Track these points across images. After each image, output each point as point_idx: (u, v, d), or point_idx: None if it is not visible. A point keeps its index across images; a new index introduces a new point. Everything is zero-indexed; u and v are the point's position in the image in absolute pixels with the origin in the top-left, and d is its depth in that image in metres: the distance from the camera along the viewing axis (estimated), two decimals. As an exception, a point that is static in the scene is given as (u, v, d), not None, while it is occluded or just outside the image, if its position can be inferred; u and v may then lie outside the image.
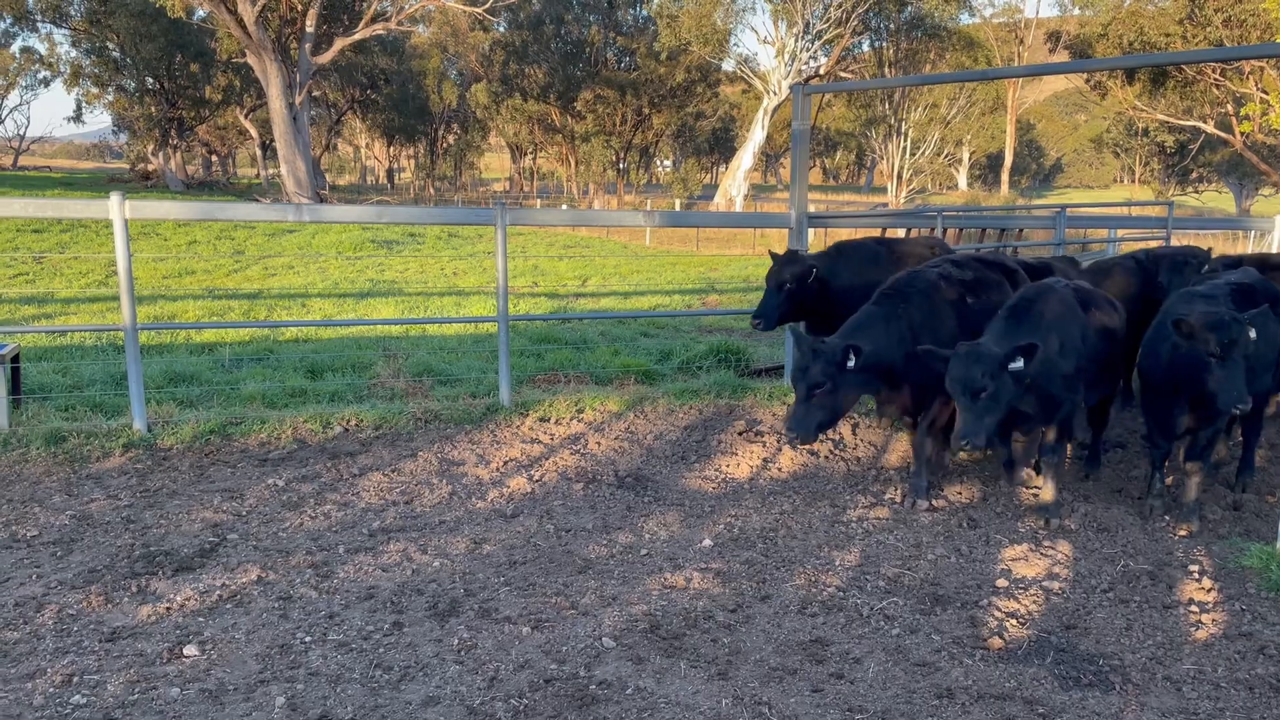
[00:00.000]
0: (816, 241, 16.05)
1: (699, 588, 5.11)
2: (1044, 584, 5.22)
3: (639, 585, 5.12)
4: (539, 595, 4.98)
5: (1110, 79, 47.83)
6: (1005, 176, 72.92)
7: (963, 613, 4.88)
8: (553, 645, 4.47)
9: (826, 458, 7.40)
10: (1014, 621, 4.80)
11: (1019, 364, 5.37)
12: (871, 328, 6.16)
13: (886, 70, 50.31)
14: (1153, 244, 16.25)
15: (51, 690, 4.02)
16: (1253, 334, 5.48)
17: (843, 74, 48.49)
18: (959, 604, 4.97)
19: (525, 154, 72.07)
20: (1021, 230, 16.65)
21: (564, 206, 52.72)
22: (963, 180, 73.82)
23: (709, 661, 4.35)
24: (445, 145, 71.52)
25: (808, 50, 45.21)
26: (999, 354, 5.39)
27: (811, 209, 12.10)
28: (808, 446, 7.08)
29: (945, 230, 12.20)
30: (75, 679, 4.10)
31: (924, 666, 4.35)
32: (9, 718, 3.82)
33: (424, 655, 4.36)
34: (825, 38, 45.36)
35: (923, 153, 57.06)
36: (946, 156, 64.81)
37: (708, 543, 5.71)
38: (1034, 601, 5.02)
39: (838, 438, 7.78)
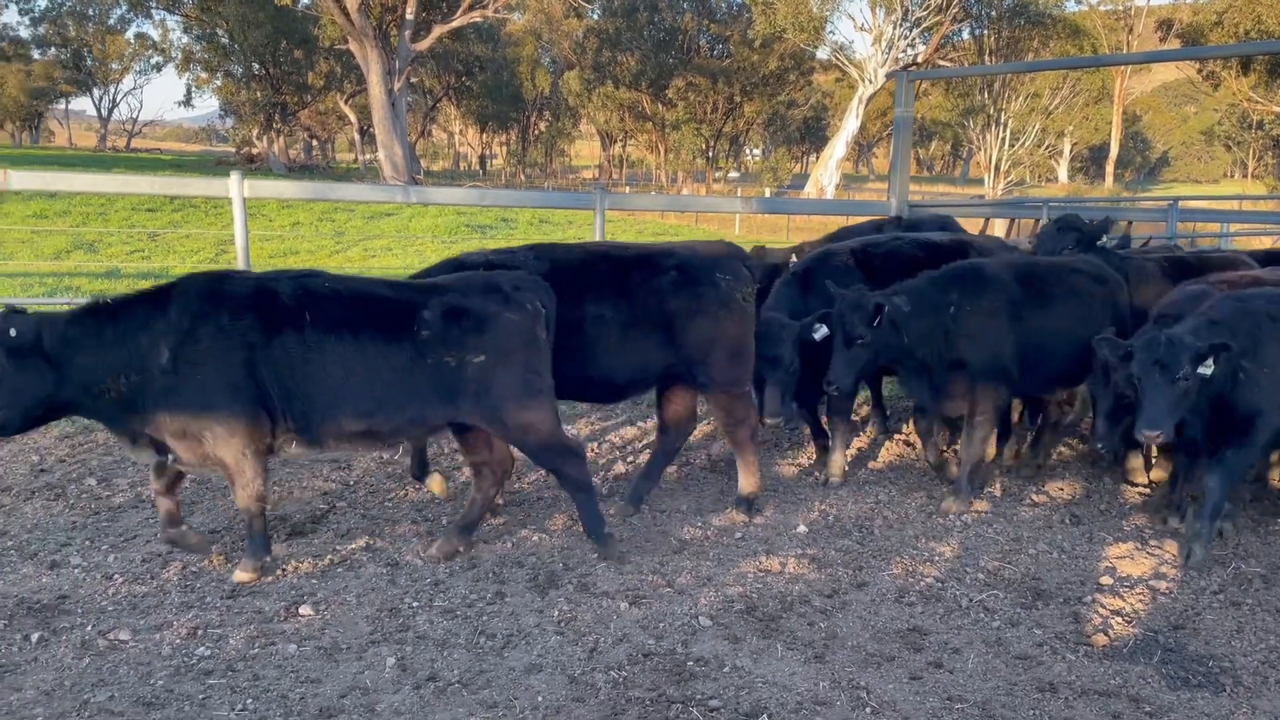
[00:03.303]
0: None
1: (794, 572, 5.13)
2: (1150, 583, 5.10)
3: (734, 567, 5.16)
4: (636, 573, 5.06)
5: (1224, 69, 45.91)
6: (1110, 169, 70.60)
7: (1065, 608, 4.80)
8: (650, 621, 4.54)
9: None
10: (1119, 619, 4.70)
11: (1208, 368, 5.04)
12: None
13: (987, 59, 49.04)
14: (1266, 241, 15.58)
15: (178, 642, 4.25)
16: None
17: (941, 62, 47.40)
18: (1061, 599, 4.89)
19: (615, 141, 72.31)
20: (1130, 224, 16.11)
21: (652, 193, 52.75)
22: (1063, 173, 71.67)
23: (805, 644, 4.38)
24: (537, 132, 72.23)
25: (905, 38, 44.35)
26: (1199, 347, 5.01)
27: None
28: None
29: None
30: (200, 632, 4.33)
31: (1025, 660, 4.31)
32: (139, 665, 4.06)
33: (526, 624, 4.48)
34: (924, 25, 44.43)
35: (1022, 144, 55.49)
36: (1047, 148, 62.97)
37: (802, 529, 5.72)
38: (1140, 600, 4.91)
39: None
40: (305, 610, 4.54)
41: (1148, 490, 6.48)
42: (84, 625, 4.35)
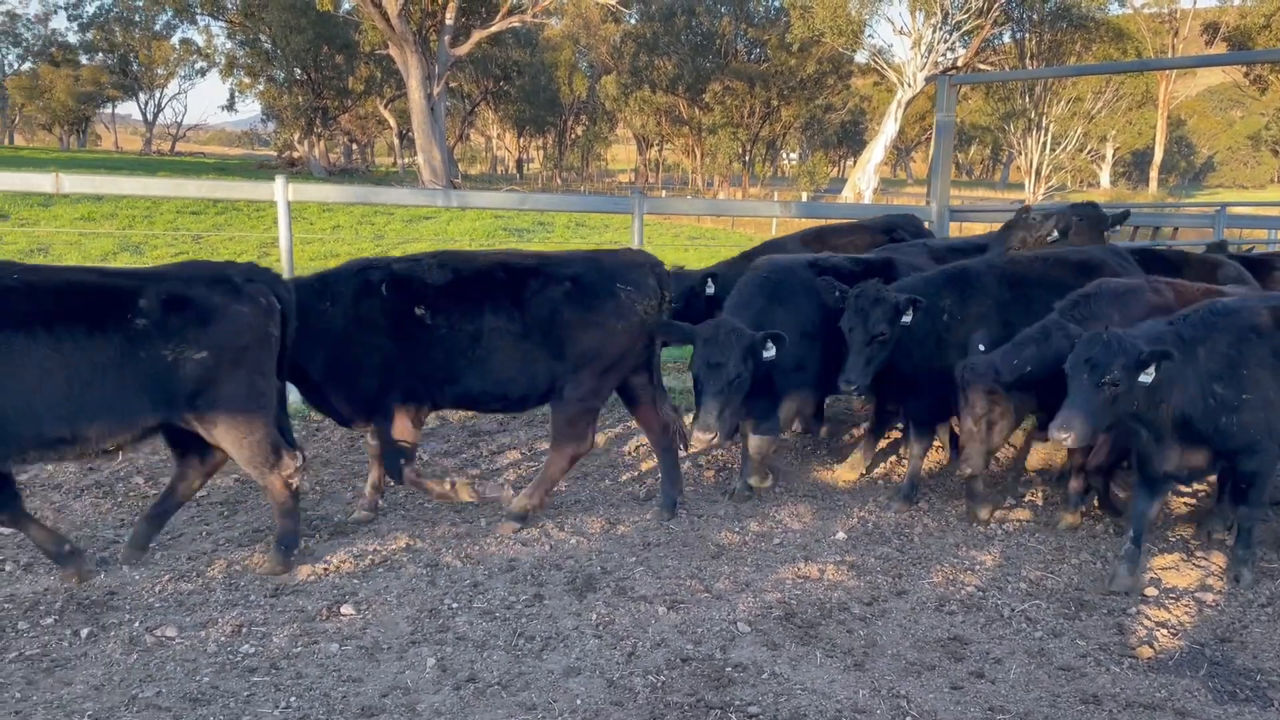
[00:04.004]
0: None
1: (833, 579, 5.10)
2: (1196, 595, 5.02)
3: (772, 573, 5.15)
4: (673, 577, 5.06)
5: (1272, 72, 45.07)
6: (1154, 174, 69.50)
7: (1109, 619, 4.74)
8: (688, 626, 4.54)
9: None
10: (1164, 631, 4.64)
11: (1149, 377, 4.68)
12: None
13: (1028, 62, 48.48)
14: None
15: (223, 639, 4.31)
16: None
17: (981, 66, 46.97)
18: (1105, 610, 4.83)
19: (651, 145, 72.39)
20: (1176, 229, 15.87)
21: (689, 197, 52.74)
22: (1105, 177, 70.65)
23: (845, 652, 4.35)
24: (574, 136, 72.47)
25: (945, 41, 43.98)
26: (1140, 351, 4.66)
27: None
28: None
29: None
30: (244, 630, 4.39)
31: (1068, 671, 4.25)
32: (186, 661, 4.13)
33: (564, 627, 4.50)
34: (964, 29, 44.03)
35: (1064, 148, 54.83)
36: (1089, 153, 62.18)
37: (841, 536, 5.69)
38: (1186, 612, 4.83)
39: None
40: (347, 610, 4.59)
41: (1194, 501, 6.37)
42: (132, 621, 4.43)
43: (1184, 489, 6.43)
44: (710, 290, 7.26)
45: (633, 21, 58.76)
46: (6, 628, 4.35)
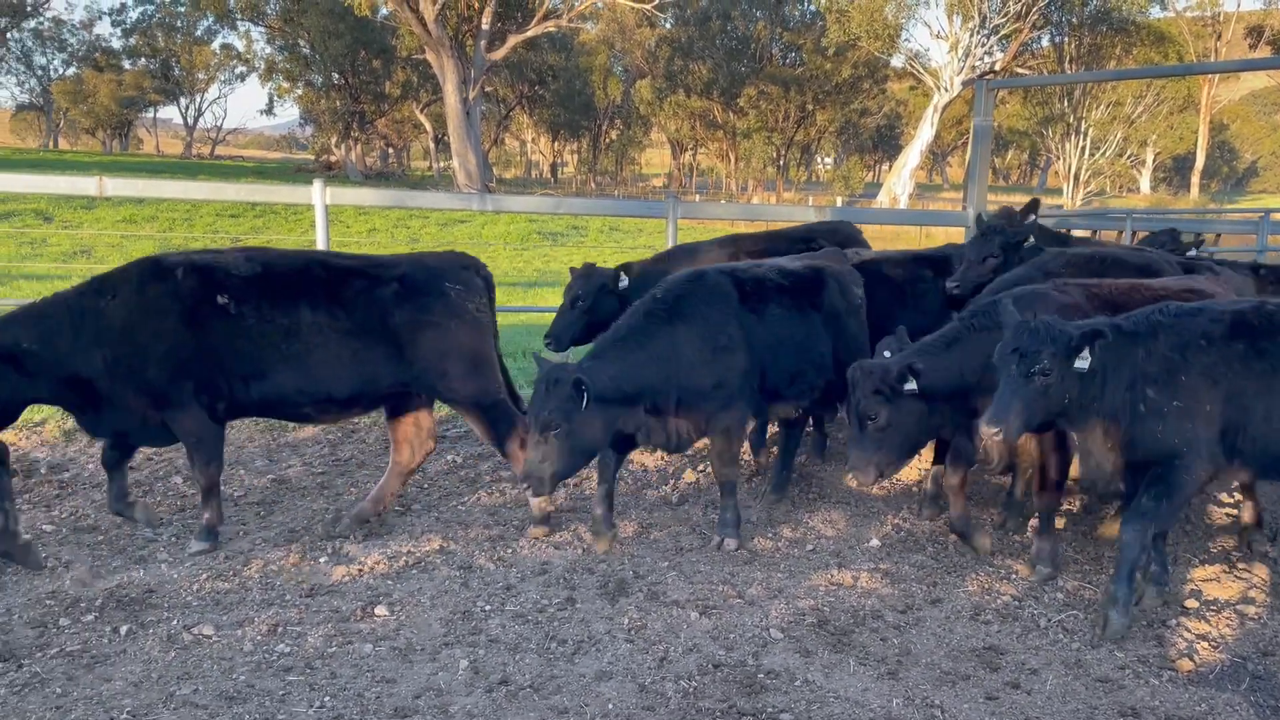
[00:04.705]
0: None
1: (867, 587, 5.07)
2: (1238, 607, 4.93)
3: (805, 580, 5.12)
4: (705, 582, 5.05)
5: (1319, 76, 44.18)
6: (1195, 179, 68.46)
7: (1149, 631, 4.67)
8: (720, 632, 4.53)
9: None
10: (1205, 644, 4.56)
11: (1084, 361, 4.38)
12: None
13: (1067, 66, 47.93)
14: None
15: (259, 638, 4.36)
16: None
17: (1019, 70, 46.54)
18: (1144, 622, 4.75)
19: (685, 150, 72.35)
20: (1219, 236, 15.61)
21: (722, 201, 52.66)
22: (1146, 183, 69.66)
23: (878, 660, 4.32)
24: (608, 141, 72.60)
25: (983, 45, 43.61)
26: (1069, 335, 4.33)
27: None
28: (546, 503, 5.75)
29: (1134, 234, 11.59)
30: (279, 629, 4.43)
31: (1106, 683, 4.19)
32: (222, 660, 4.18)
33: (596, 631, 4.50)
34: (1002, 32, 43.65)
35: (1103, 153, 54.16)
36: (1129, 157, 61.37)
37: (875, 543, 5.65)
38: (1228, 625, 4.75)
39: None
40: (381, 610, 4.62)
41: (1235, 512, 6.26)
42: (170, 619, 4.49)
43: (1225, 500, 6.33)
44: (624, 284, 7.04)
45: (668, 26, 58.80)
46: (49, 624, 4.42)
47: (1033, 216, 6.91)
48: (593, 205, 15.24)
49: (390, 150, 73.76)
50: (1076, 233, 10.59)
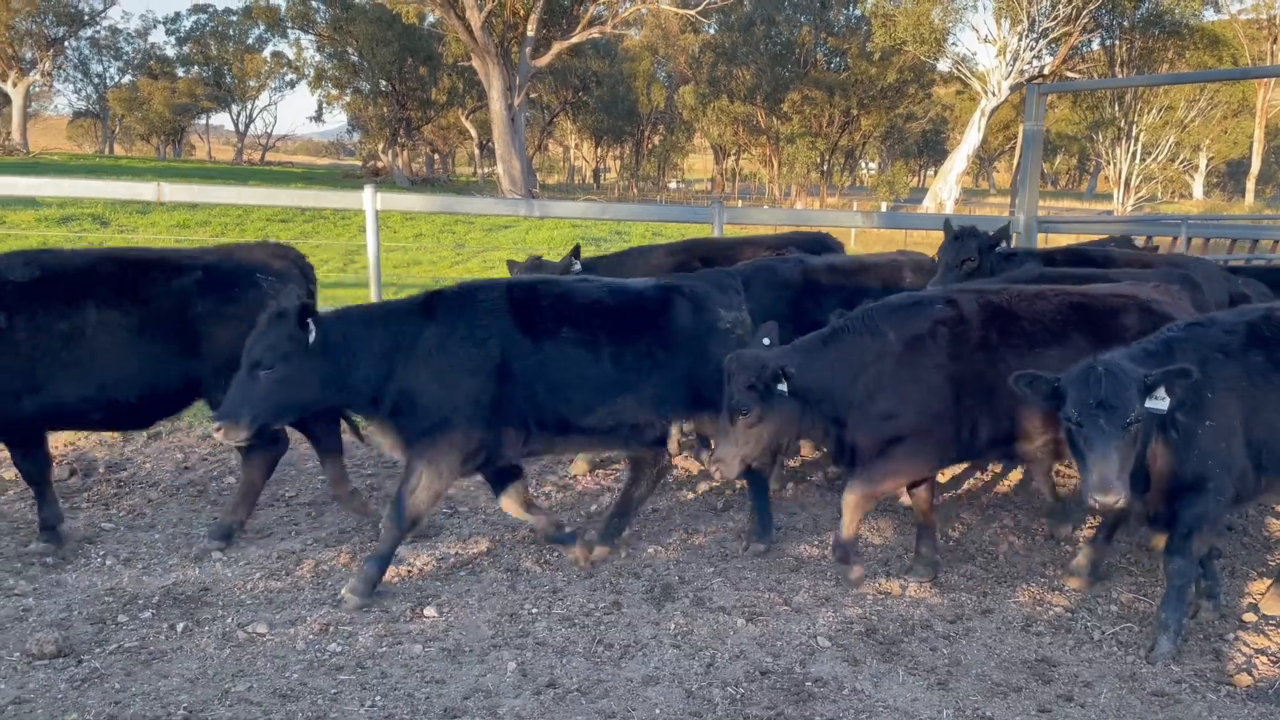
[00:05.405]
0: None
1: (916, 596, 5.02)
2: (1300, 623, 4.81)
3: (853, 589, 5.08)
4: (752, 589, 5.04)
5: (1381, 79, 43.04)
6: (1251, 185, 67.00)
7: (1205, 645, 4.58)
8: (767, 639, 4.51)
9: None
10: (1264, 659, 4.46)
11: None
12: None
13: (1118, 70, 47.20)
14: None
15: (311, 637, 4.42)
16: None
17: (1069, 74, 45.89)
18: (1201, 636, 4.66)
19: (728, 155, 72.25)
20: (1277, 242, 15.25)
21: (765, 207, 52.52)
22: (1198, 188, 68.33)
23: (928, 670, 4.28)
24: (650, 146, 72.73)
25: (1031, 49, 43.06)
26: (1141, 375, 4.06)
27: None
28: None
29: (1190, 240, 11.37)
30: (331, 629, 4.49)
31: (1162, 697, 4.12)
32: (276, 658, 4.24)
33: (642, 636, 4.50)
34: (1051, 36, 43.07)
35: (1155, 158, 53.22)
36: (1181, 163, 60.26)
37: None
38: (1289, 641, 4.64)
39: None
40: (430, 611, 4.66)
41: (1296, 525, 6.12)
42: (224, 617, 4.56)
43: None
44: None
45: (711, 32, 58.78)
46: (107, 620, 4.52)
47: (1005, 243, 6.75)
48: (638, 210, 15.30)
49: (436, 156, 74.50)
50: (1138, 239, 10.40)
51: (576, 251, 7.21)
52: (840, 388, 4.84)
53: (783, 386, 4.65)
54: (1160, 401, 4.02)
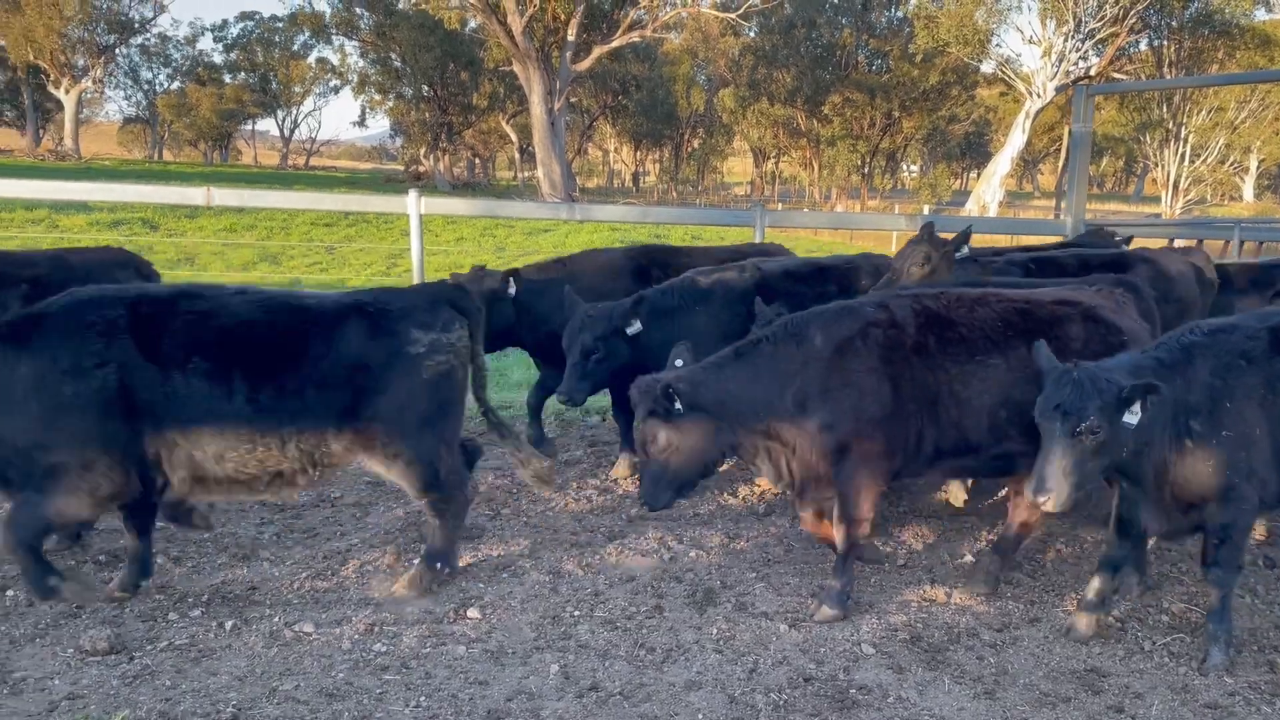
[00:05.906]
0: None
1: (961, 603, 4.96)
2: (1359, 637, 4.69)
3: (897, 595, 5.04)
4: (794, 594, 5.01)
5: None
6: (1303, 187, 65.56)
7: (1259, 656, 4.48)
8: (810, 645, 4.48)
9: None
10: (1323, 674, 4.35)
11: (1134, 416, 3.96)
12: None
13: (1166, 71, 46.40)
14: None
15: (356, 637, 4.46)
16: None
17: (1115, 75, 45.20)
18: (1255, 647, 4.56)
19: (768, 158, 72.04)
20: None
21: (805, 210, 52.27)
22: (1249, 191, 66.96)
23: (974, 679, 4.23)
24: (690, 149, 72.72)
25: (1077, 50, 42.47)
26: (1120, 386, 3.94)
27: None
28: None
29: (1243, 244, 11.15)
30: (376, 629, 4.53)
31: (1215, 709, 4.04)
32: (322, 657, 4.28)
33: (684, 640, 4.49)
34: (1098, 37, 42.46)
35: (1204, 160, 52.22)
36: (1231, 165, 59.07)
37: (969, 559, 5.53)
38: (1348, 655, 4.52)
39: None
40: (473, 613, 4.69)
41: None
42: (272, 616, 4.62)
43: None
44: (511, 291, 6.91)
45: (752, 35, 58.62)
46: (158, 618, 4.60)
47: (966, 248, 6.61)
48: (679, 214, 15.31)
49: (477, 160, 75.05)
50: (1179, 242, 10.23)
51: (514, 273, 7.12)
52: (764, 399, 4.64)
53: (679, 406, 4.48)
54: (1134, 416, 3.93)
